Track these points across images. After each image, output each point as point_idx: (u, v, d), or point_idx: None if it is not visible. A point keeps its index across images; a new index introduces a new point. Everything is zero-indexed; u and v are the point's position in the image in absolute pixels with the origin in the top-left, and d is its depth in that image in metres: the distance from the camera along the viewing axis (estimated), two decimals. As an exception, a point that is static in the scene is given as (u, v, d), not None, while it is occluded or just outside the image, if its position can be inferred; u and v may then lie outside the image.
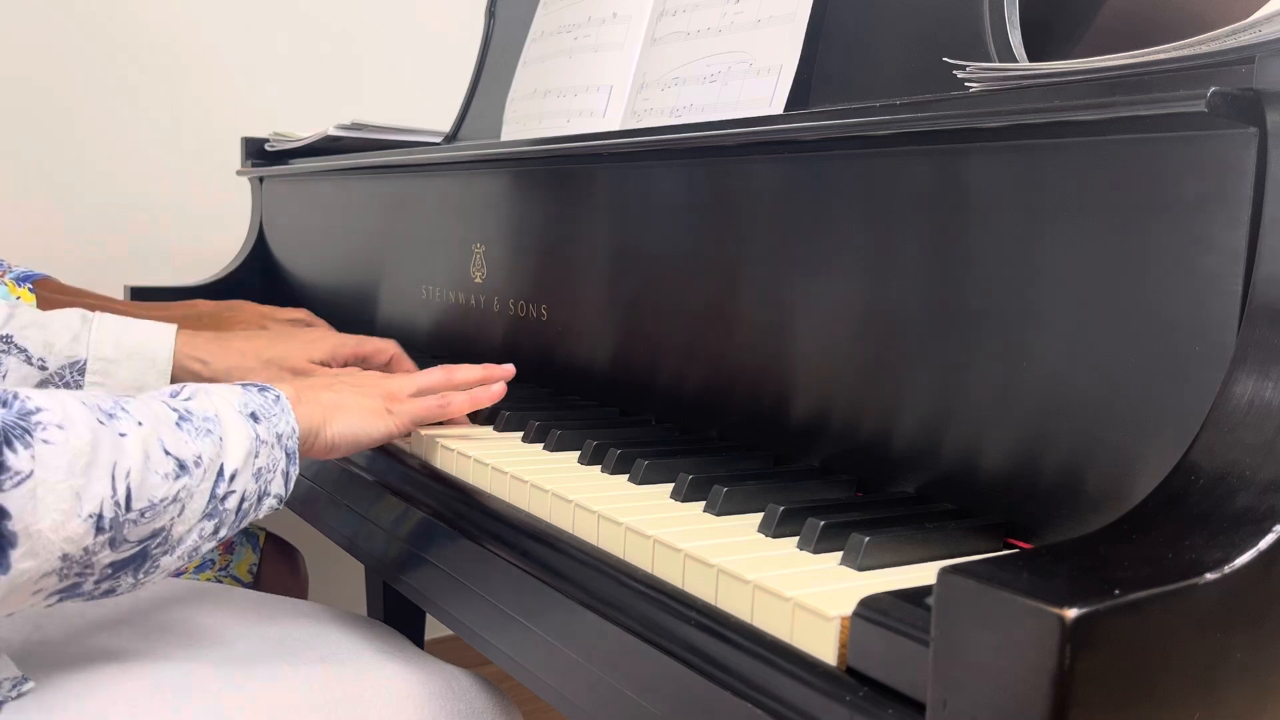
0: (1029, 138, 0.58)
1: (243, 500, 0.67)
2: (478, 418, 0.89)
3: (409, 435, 0.87)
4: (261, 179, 1.61)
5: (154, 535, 0.62)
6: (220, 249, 1.74)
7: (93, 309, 0.98)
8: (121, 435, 0.60)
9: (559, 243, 0.98)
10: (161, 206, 1.78)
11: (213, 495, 0.65)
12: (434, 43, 1.95)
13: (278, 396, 0.72)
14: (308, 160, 1.46)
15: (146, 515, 0.61)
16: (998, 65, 0.60)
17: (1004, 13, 0.67)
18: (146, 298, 1.46)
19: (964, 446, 0.62)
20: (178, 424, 0.64)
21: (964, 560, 0.40)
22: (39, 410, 0.57)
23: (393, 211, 1.26)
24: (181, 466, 0.63)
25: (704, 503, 0.64)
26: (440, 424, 0.88)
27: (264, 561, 1.24)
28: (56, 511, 0.56)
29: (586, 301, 0.94)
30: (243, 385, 0.72)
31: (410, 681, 0.78)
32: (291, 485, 0.72)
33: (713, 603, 0.54)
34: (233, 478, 0.66)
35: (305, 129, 1.52)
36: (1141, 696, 0.37)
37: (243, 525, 0.69)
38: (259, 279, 1.60)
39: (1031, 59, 0.65)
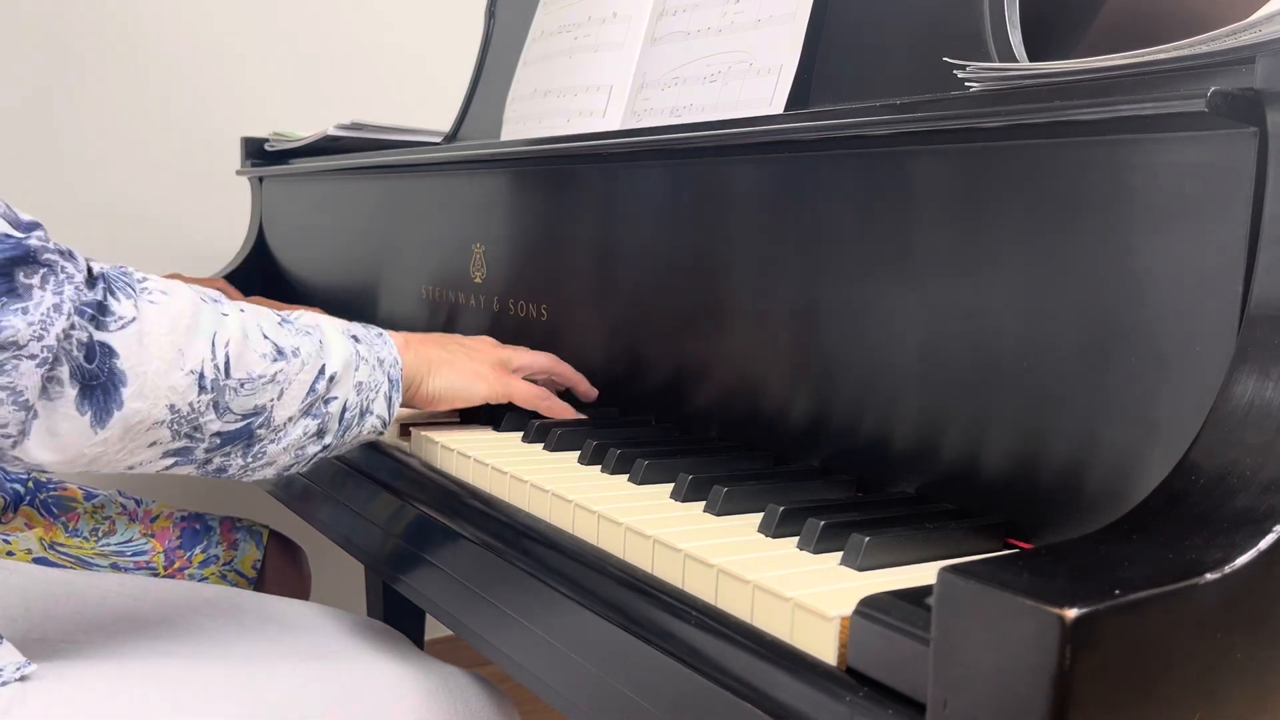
0: (1029, 138, 0.58)
1: (345, 409, 0.72)
2: (478, 418, 0.89)
3: (410, 435, 0.87)
4: (261, 179, 1.61)
5: (256, 412, 0.67)
6: (220, 249, 1.74)
7: None
8: (224, 314, 0.67)
9: (559, 243, 0.98)
10: (161, 206, 1.77)
11: (312, 389, 0.70)
12: (434, 43, 1.95)
13: (380, 333, 0.78)
14: (307, 160, 1.45)
15: (246, 387, 0.66)
16: (998, 65, 0.60)
17: (1004, 13, 0.67)
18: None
19: (964, 446, 0.62)
20: (279, 323, 0.70)
21: (964, 560, 0.40)
22: (145, 279, 0.64)
23: (393, 211, 1.26)
24: (279, 352, 0.68)
25: (704, 503, 0.64)
26: (440, 424, 0.88)
27: (268, 558, 1.24)
28: (160, 360, 0.62)
29: (586, 301, 0.94)
30: (346, 321, 0.77)
31: (409, 681, 0.78)
32: (394, 411, 0.77)
33: (712, 603, 0.54)
34: (332, 379, 0.71)
35: (305, 129, 1.52)
36: (1141, 696, 0.37)
37: (348, 442, 0.74)
38: (259, 279, 1.60)
39: (1031, 59, 0.65)
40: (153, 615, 0.83)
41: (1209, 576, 0.38)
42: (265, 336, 0.68)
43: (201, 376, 0.64)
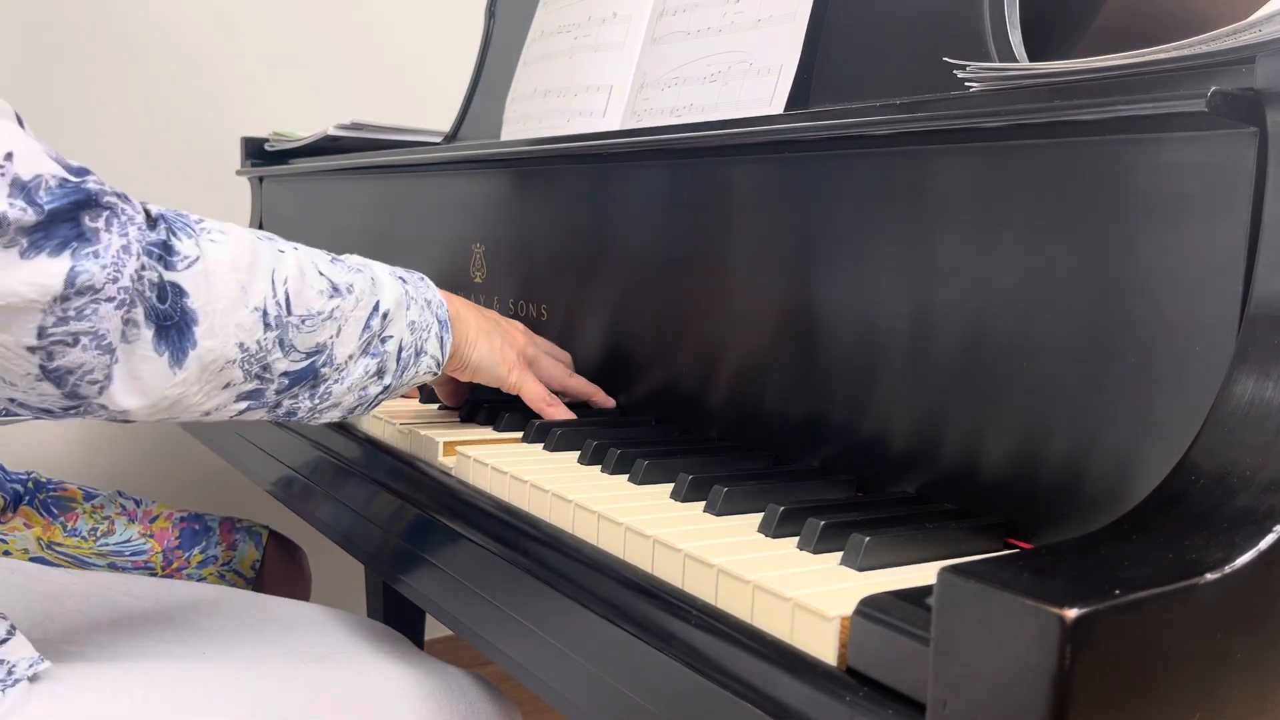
0: (1029, 138, 0.58)
1: (401, 349, 0.74)
2: (478, 417, 0.89)
3: (410, 435, 0.87)
4: (261, 179, 1.61)
5: (319, 350, 0.68)
6: (220, 249, 1.74)
7: None
8: (279, 251, 0.68)
9: (559, 242, 0.98)
10: (161, 206, 1.77)
11: (368, 326, 0.71)
12: (434, 43, 1.95)
13: (422, 277, 0.79)
14: (307, 160, 1.45)
15: (307, 324, 0.67)
16: (998, 65, 0.60)
17: (1004, 13, 0.67)
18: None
19: (964, 446, 0.62)
20: (331, 261, 0.72)
21: (964, 560, 0.40)
22: (202, 220, 0.65)
23: (393, 211, 1.26)
24: (335, 288, 0.69)
25: (704, 503, 0.64)
26: (440, 424, 0.88)
27: (267, 559, 1.24)
28: (226, 298, 0.63)
29: (586, 301, 0.94)
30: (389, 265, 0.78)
31: (409, 681, 0.78)
32: (447, 352, 0.78)
33: (713, 603, 0.54)
34: (386, 316, 0.72)
35: (305, 129, 1.52)
36: (1141, 696, 0.37)
37: (405, 382, 0.75)
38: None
39: (1031, 59, 0.65)
40: (153, 615, 0.83)
41: (1209, 576, 0.38)
42: (320, 273, 0.69)
43: (265, 313, 0.64)
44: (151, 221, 0.61)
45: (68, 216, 0.56)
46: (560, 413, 0.86)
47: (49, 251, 0.55)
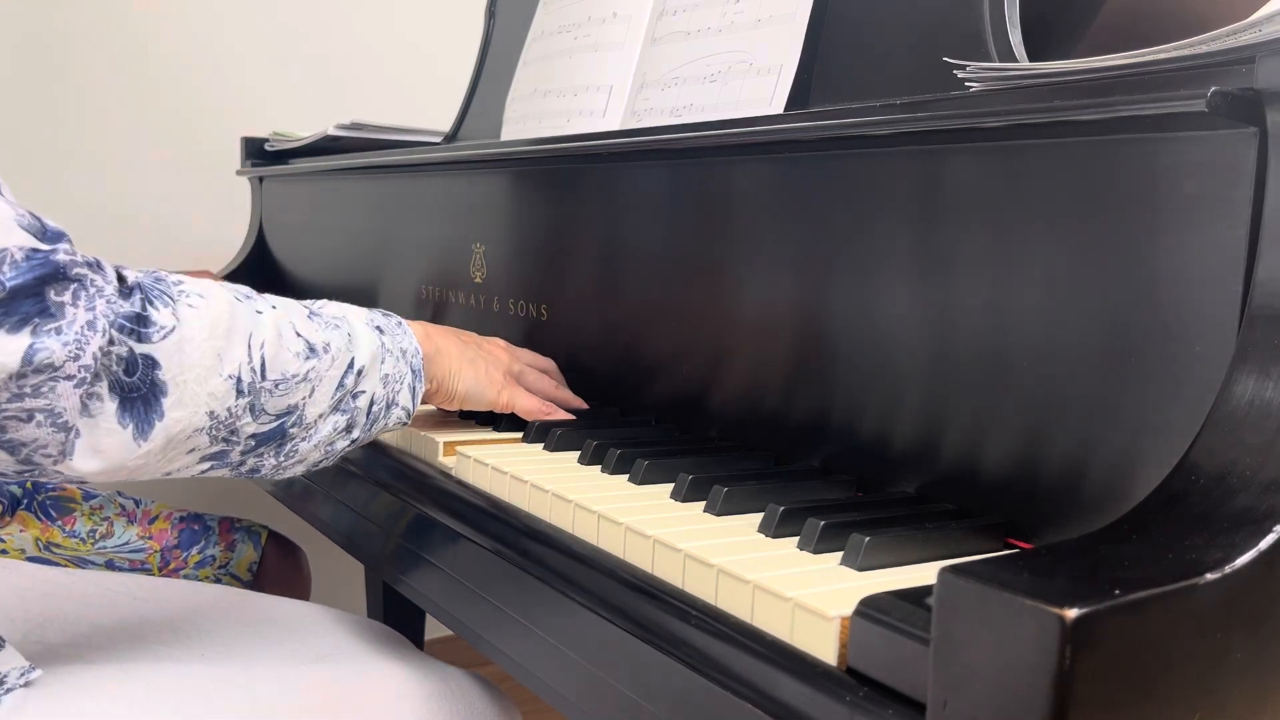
0: (1029, 138, 0.58)
1: (372, 403, 0.72)
2: (477, 417, 0.89)
3: (410, 435, 0.87)
4: (261, 179, 1.61)
5: (289, 412, 0.67)
6: (220, 249, 1.74)
7: None
8: (257, 312, 0.66)
9: (559, 243, 0.98)
10: (161, 206, 1.77)
11: (341, 384, 0.70)
12: (434, 42, 1.95)
13: (400, 322, 0.78)
14: (307, 160, 1.45)
15: (281, 388, 0.66)
16: (998, 65, 0.60)
17: (1004, 13, 0.67)
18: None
19: (964, 446, 0.62)
20: (308, 317, 0.70)
21: (964, 560, 0.40)
22: (180, 281, 0.63)
23: (393, 211, 1.26)
24: (311, 349, 0.68)
25: (704, 503, 0.64)
26: (440, 426, 0.88)
27: (266, 560, 1.24)
28: (200, 367, 0.61)
29: (586, 301, 0.94)
30: (368, 309, 0.77)
31: (409, 681, 0.78)
32: (418, 402, 0.77)
33: (713, 603, 0.54)
34: (360, 373, 0.71)
35: (305, 129, 1.52)
36: (1141, 696, 0.37)
37: (374, 434, 0.74)
38: (259, 279, 1.60)
39: (1031, 59, 0.65)
40: (153, 616, 0.83)
41: (1209, 576, 0.38)
42: (298, 334, 0.67)
43: (239, 380, 0.63)
44: (125, 290, 0.59)
45: (31, 292, 0.54)
46: (560, 417, 0.86)
47: (8, 328, 0.53)
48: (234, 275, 1.58)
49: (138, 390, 0.59)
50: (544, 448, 0.80)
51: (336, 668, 0.78)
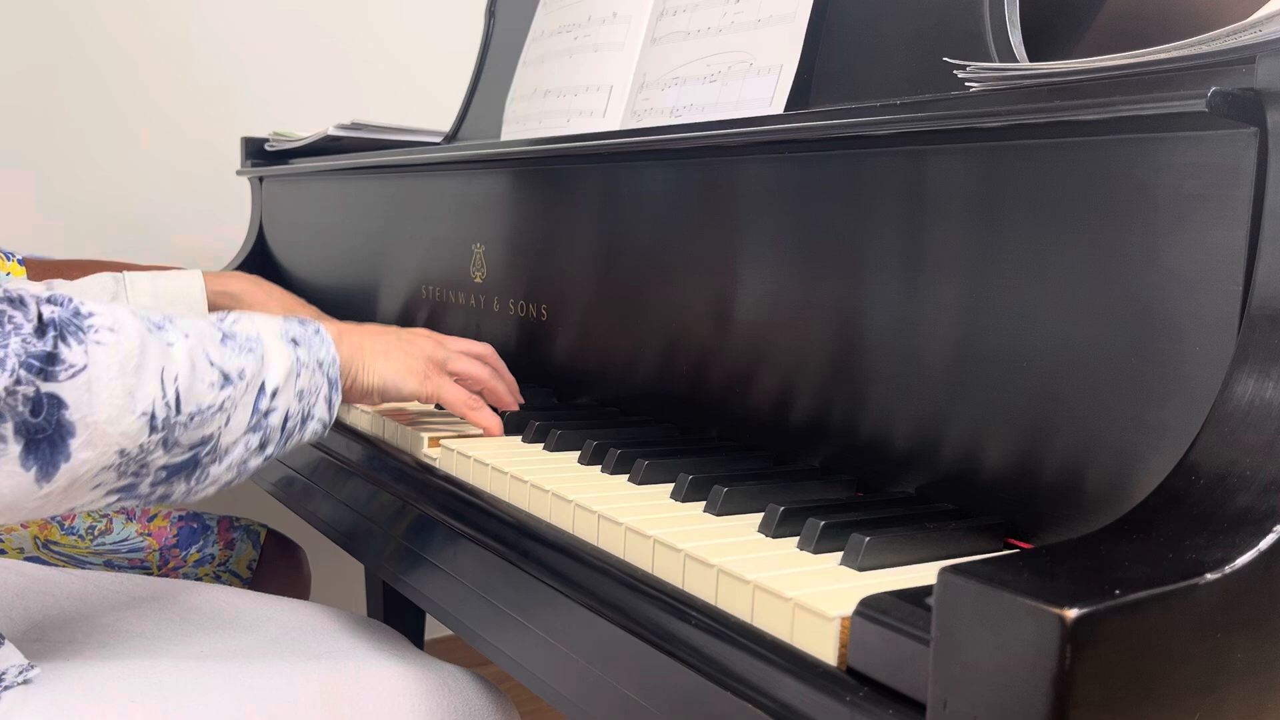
0: (1029, 138, 0.58)
1: (287, 419, 0.70)
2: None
3: (410, 435, 0.87)
4: (261, 179, 1.61)
5: (203, 442, 0.65)
6: (220, 249, 1.74)
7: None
8: (169, 344, 0.63)
9: (559, 243, 0.98)
10: (161, 206, 1.78)
11: (255, 409, 0.68)
12: (434, 43, 1.95)
13: (318, 329, 0.75)
14: (307, 160, 1.45)
15: (195, 420, 0.64)
16: (998, 65, 0.60)
17: (1004, 13, 0.67)
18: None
19: (964, 446, 0.62)
20: (222, 341, 0.67)
21: (964, 560, 0.40)
22: (92, 315, 0.60)
23: (393, 211, 1.26)
24: (225, 378, 0.66)
25: (704, 503, 0.64)
26: (440, 423, 0.88)
27: (266, 559, 1.24)
28: (111, 406, 0.59)
29: (586, 301, 0.94)
30: (284, 317, 0.75)
31: (409, 681, 0.78)
32: (334, 413, 0.75)
33: (713, 603, 0.54)
34: (274, 394, 0.69)
35: (305, 129, 1.52)
36: (1141, 696, 0.37)
37: (290, 445, 0.72)
38: (259, 279, 1.60)
39: (1031, 59, 0.65)
40: (152, 615, 0.83)
41: (1209, 576, 0.38)
42: (211, 363, 0.65)
43: (153, 417, 0.61)
44: (41, 329, 0.57)
45: None
46: (485, 417, 0.84)
47: None
48: (234, 275, 1.58)
49: (43, 431, 0.56)
50: (544, 448, 0.80)
51: (336, 666, 0.78)
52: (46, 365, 0.56)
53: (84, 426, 0.58)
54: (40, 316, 0.58)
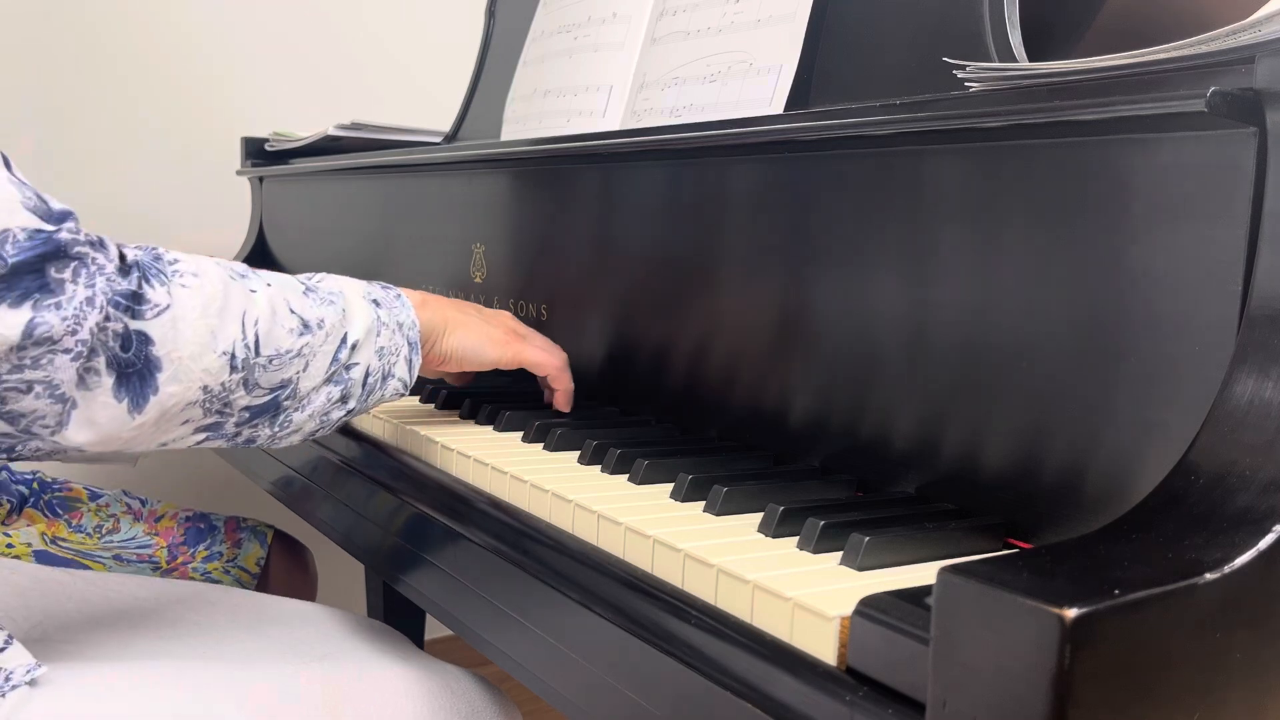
0: (1029, 138, 0.58)
1: (368, 375, 0.74)
2: (478, 417, 0.89)
3: (411, 435, 0.87)
4: (261, 179, 1.61)
5: (283, 386, 0.68)
6: (220, 249, 1.74)
7: None
8: (252, 290, 0.67)
9: (559, 243, 0.98)
10: (161, 206, 1.78)
11: (335, 359, 0.71)
12: (434, 43, 1.95)
13: (399, 294, 0.79)
14: (308, 160, 1.46)
15: (274, 363, 0.67)
16: (998, 65, 0.60)
17: (1004, 13, 0.67)
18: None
19: (964, 446, 0.62)
20: (304, 293, 0.71)
21: (964, 560, 0.40)
22: (176, 260, 0.64)
23: (393, 211, 1.26)
24: (305, 325, 0.69)
25: (704, 503, 0.64)
26: (440, 423, 0.88)
27: (273, 558, 1.24)
28: (194, 344, 0.63)
29: (586, 301, 0.94)
30: (367, 281, 0.78)
31: (409, 681, 0.78)
32: (415, 374, 0.78)
33: (712, 603, 0.54)
34: (354, 347, 0.72)
35: (305, 129, 1.52)
36: (1141, 696, 0.37)
37: (370, 405, 0.76)
38: (259, 279, 1.60)
39: (1031, 59, 0.65)
40: (153, 615, 0.83)
41: (1209, 576, 0.38)
42: (292, 311, 0.69)
43: (233, 357, 0.65)
44: (125, 269, 0.61)
45: (32, 268, 0.56)
46: (567, 381, 0.87)
47: (10, 302, 0.56)
48: (234, 275, 1.58)
49: (133, 365, 0.60)
50: (544, 447, 0.80)
51: (337, 667, 0.78)
52: (133, 304, 0.60)
53: (170, 362, 0.62)
54: (123, 257, 0.61)
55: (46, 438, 0.60)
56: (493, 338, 0.84)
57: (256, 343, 0.66)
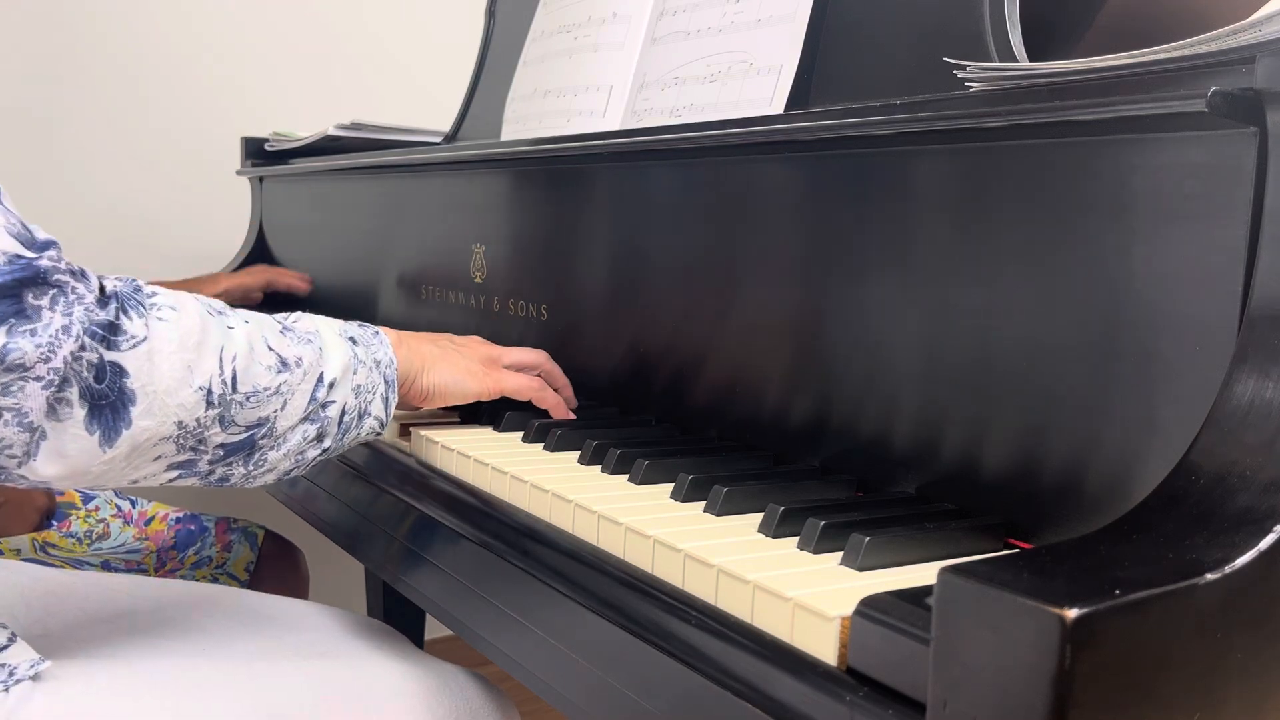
0: (1029, 138, 0.58)
1: (344, 413, 0.73)
2: (478, 418, 0.89)
3: (411, 436, 0.87)
4: (261, 179, 1.61)
5: (259, 424, 0.67)
6: (220, 249, 1.74)
7: None
8: (229, 327, 0.66)
9: (559, 243, 0.98)
10: (161, 206, 1.78)
11: (313, 398, 0.70)
12: (434, 43, 1.95)
13: (376, 332, 0.78)
14: (308, 160, 1.46)
15: (252, 400, 0.66)
16: (998, 65, 0.60)
17: (1004, 13, 0.67)
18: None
19: (964, 446, 0.62)
20: (281, 332, 0.70)
21: (964, 560, 0.40)
22: (155, 293, 0.64)
23: (393, 211, 1.26)
24: (283, 363, 0.68)
25: (704, 503, 0.64)
26: (440, 424, 0.88)
27: (264, 560, 1.24)
28: (170, 378, 0.62)
29: (586, 301, 0.94)
30: (343, 321, 0.78)
31: (409, 680, 0.78)
32: (391, 411, 0.78)
33: (713, 603, 0.54)
34: (331, 385, 0.71)
35: (305, 129, 1.52)
36: (1141, 696, 0.37)
37: (346, 444, 0.75)
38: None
39: (1031, 59, 0.65)
40: (153, 614, 0.83)
41: (1209, 576, 0.38)
42: (270, 348, 0.68)
43: (209, 392, 0.63)
44: (104, 299, 0.60)
45: (9, 293, 0.56)
46: (552, 398, 0.87)
47: None
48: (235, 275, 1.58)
49: (106, 398, 0.59)
50: (544, 448, 0.80)
51: (336, 666, 0.78)
52: (109, 334, 0.59)
53: (144, 395, 0.61)
54: (102, 289, 0.61)
55: (13, 469, 0.59)
56: (471, 371, 0.84)
57: (234, 379, 0.65)
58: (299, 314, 0.75)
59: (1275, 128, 0.47)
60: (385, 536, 0.83)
